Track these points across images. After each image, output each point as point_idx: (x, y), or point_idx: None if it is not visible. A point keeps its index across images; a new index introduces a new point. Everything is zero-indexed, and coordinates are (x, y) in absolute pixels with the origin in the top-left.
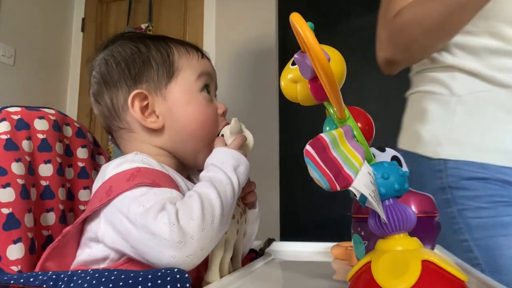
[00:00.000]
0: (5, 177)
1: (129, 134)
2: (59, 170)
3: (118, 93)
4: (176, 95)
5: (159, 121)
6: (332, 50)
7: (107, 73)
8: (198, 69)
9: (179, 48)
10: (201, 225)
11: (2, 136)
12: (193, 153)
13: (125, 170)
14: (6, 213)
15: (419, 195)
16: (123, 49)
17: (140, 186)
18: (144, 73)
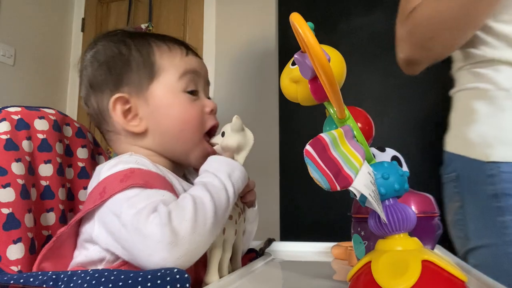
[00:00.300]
0: (5, 177)
1: (117, 136)
2: (59, 170)
3: (103, 97)
4: (158, 97)
5: (142, 124)
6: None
7: (92, 76)
8: (181, 67)
9: (161, 46)
10: (193, 226)
11: (2, 136)
12: (183, 153)
13: (119, 171)
14: (6, 213)
15: (419, 195)
16: (104, 51)
17: (133, 187)
18: (125, 75)
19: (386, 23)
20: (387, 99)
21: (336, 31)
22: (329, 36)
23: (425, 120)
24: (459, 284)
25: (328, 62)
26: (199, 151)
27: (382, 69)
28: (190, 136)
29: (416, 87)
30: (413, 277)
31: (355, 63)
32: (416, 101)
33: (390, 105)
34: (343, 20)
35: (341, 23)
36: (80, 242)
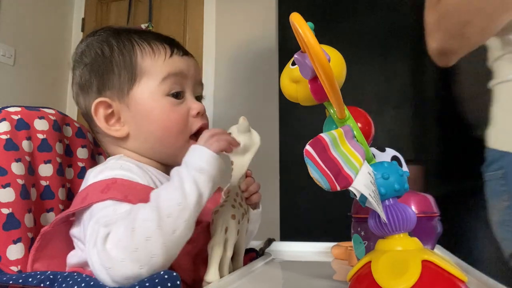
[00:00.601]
0: (5, 177)
1: (105, 138)
2: (59, 170)
3: (88, 99)
4: (139, 102)
5: (124, 129)
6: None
7: (79, 77)
8: (164, 71)
9: (144, 48)
10: (129, 247)
11: (2, 136)
12: (170, 156)
13: (102, 180)
14: (6, 213)
15: (419, 195)
16: (89, 52)
17: (110, 199)
18: (107, 79)
19: (386, 23)
20: (387, 99)
21: (336, 31)
22: (329, 36)
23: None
24: (459, 284)
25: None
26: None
27: (382, 69)
28: (174, 140)
29: (416, 87)
30: (413, 277)
31: (355, 63)
32: (416, 101)
33: (390, 105)
34: (343, 20)
35: (341, 23)
36: (74, 242)
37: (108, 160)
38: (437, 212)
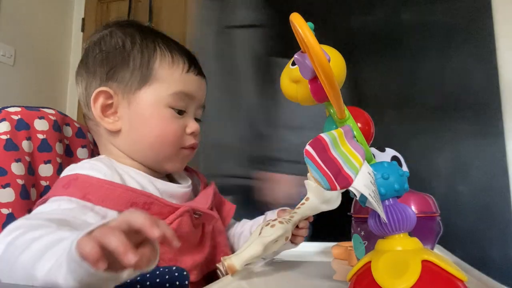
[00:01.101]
0: (5, 177)
1: (97, 128)
2: (59, 170)
3: (92, 83)
4: (141, 105)
5: (117, 124)
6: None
7: (91, 59)
8: (177, 86)
9: (165, 55)
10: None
11: (2, 136)
12: (157, 162)
13: (67, 175)
14: (6, 213)
15: (419, 195)
16: (110, 39)
17: (70, 197)
18: (119, 72)
19: (386, 23)
20: (387, 99)
21: (336, 31)
22: (329, 36)
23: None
24: (459, 284)
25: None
26: (177, 161)
27: (382, 69)
28: (164, 149)
29: (416, 87)
30: (413, 277)
31: (355, 63)
32: (416, 101)
33: (390, 105)
34: (343, 20)
35: (341, 23)
36: None
37: (83, 161)
38: (437, 212)
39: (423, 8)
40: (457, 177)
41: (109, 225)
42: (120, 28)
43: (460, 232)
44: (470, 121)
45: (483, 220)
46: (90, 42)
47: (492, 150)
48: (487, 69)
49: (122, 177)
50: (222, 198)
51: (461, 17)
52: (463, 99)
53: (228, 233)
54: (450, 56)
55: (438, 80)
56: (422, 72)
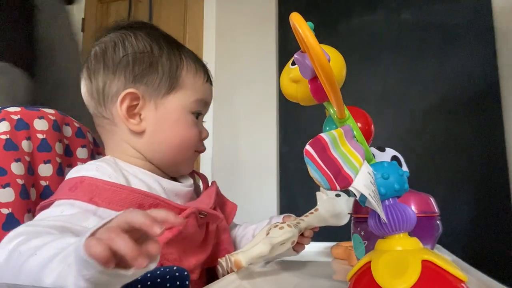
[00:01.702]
0: (5, 177)
1: (112, 127)
2: (58, 170)
3: (114, 82)
4: (169, 109)
5: (141, 125)
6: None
7: (111, 57)
8: (200, 94)
9: (190, 64)
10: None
11: (2, 136)
12: (172, 164)
13: (73, 177)
14: (6, 213)
15: (419, 195)
16: (136, 42)
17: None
18: (147, 75)
19: (386, 23)
20: (387, 99)
21: (336, 31)
22: (329, 36)
23: (425, 119)
24: (459, 284)
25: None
26: (188, 165)
27: (382, 69)
28: (183, 153)
29: (416, 87)
30: (413, 277)
31: (355, 63)
32: (416, 101)
33: (390, 105)
34: (343, 20)
35: (341, 23)
36: None
37: (89, 162)
38: (437, 212)
39: (423, 8)
40: (457, 177)
41: (111, 225)
42: (141, 30)
43: (460, 232)
44: (470, 121)
45: (483, 220)
46: (107, 40)
47: (492, 150)
48: (487, 69)
49: (127, 178)
50: (224, 197)
51: (461, 17)
52: (463, 99)
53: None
54: (450, 56)
55: (438, 80)
56: (422, 72)
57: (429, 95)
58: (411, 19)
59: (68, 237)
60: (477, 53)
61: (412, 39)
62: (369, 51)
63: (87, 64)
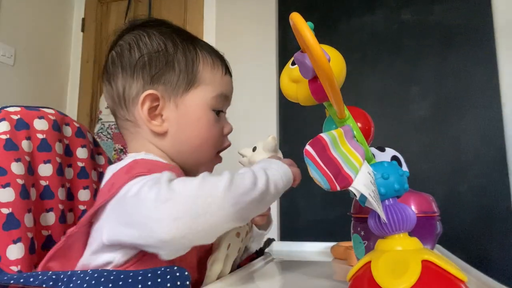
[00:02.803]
0: (5, 177)
1: (136, 129)
2: (58, 170)
3: (133, 84)
4: (189, 107)
5: (164, 126)
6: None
7: (128, 60)
8: (219, 88)
9: (206, 58)
10: (196, 190)
11: (2, 136)
12: (193, 164)
13: (124, 165)
14: (6, 213)
15: (419, 195)
16: (150, 41)
17: (138, 176)
18: (165, 74)
19: (386, 23)
20: (387, 99)
21: (336, 31)
22: (329, 36)
23: (425, 120)
24: (459, 284)
25: (328, 62)
26: (210, 166)
27: (382, 69)
28: (205, 152)
29: (416, 87)
30: (413, 277)
31: (355, 63)
32: (416, 101)
33: (390, 105)
34: (343, 20)
35: (341, 23)
36: (90, 241)
37: (129, 156)
38: (437, 212)
39: (423, 8)
40: (457, 177)
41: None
42: (154, 28)
43: (460, 232)
44: (470, 121)
45: (483, 220)
46: (123, 43)
47: (492, 150)
48: (487, 69)
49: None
50: None
51: (461, 17)
52: (462, 99)
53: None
54: (450, 56)
55: (438, 80)
56: (422, 72)
57: (429, 95)
58: (411, 19)
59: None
60: (477, 53)
61: (412, 39)
62: (369, 51)
63: (106, 69)
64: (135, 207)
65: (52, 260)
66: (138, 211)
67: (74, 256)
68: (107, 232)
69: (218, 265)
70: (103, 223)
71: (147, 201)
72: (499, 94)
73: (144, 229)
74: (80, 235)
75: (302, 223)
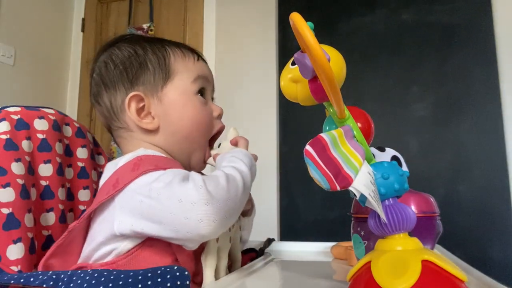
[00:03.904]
0: (5, 177)
1: (129, 133)
2: (58, 170)
3: (116, 95)
4: (172, 98)
5: (155, 122)
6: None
7: (106, 75)
8: (195, 72)
9: (175, 51)
10: (226, 193)
11: (2, 136)
12: (187, 153)
13: (128, 161)
14: (6, 213)
15: (419, 195)
16: (121, 52)
17: (145, 173)
18: (141, 75)
19: (386, 23)
20: (387, 99)
21: (336, 31)
22: (329, 36)
23: (425, 120)
24: (459, 284)
25: (328, 62)
26: (201, 154)
27: (382, 69)
28: (198, 138)
29: (416, 87)
30: (413, 277)
31: (355, 63)
32: (416, 101)
33: (390, 105)
34: (343, 20)
35: (341, 23)
36: (92, 233)
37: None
38: (437, 212)
39: (423, 8)
40: (457, 177)
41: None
42: (125, 40)
43: (460, 232)
44: (470, 121)
45: (483, 220)
46: (99, 64)
47: (492, 150)
48: (487, 69)
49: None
50: None
51: (461, 17)
52: (463, 99)
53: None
54: (450, 56)
55: (438, 80)
56: (422, 72)
57: (429, 95)
58: (411, 19)
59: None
60: (477, 53)
61: (412, 39)
62: (369, 51)
63: (92, 92)
64: (168, 206)
65: (53, 257)
66: (173, 210)
67: (74, 252)
68: (120, 225)
69: (212, 258)
70: (111, 216)
71: (186, 201)
72: (499, 94)
73: (181, 227)
74: (80, 230)
75: (302, 223)
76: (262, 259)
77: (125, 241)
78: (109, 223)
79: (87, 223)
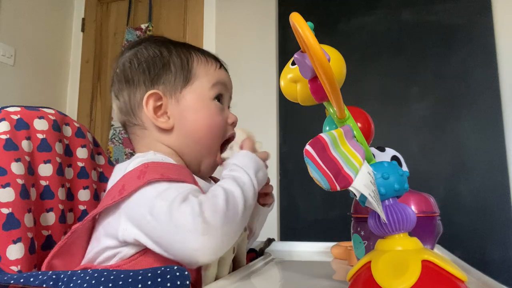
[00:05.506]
0: (5, 177)
1: (142, 131)
2: (58, 170)
3: (136, 91)
4: (189, 101)
5: (170, 122)
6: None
7: (129, 71)
8: (214, 78)
9: (199, 56)
10: (224, 218)
11: (2, 136)
12: (197, 158)
13: (135, 168)
14: (6, 213)
15: (419, 195)
16: (146, 51)
17: (151, 182)
18: (162, 75)
19: (386, 23)
20: (387, 99)
21: (336, 31)
22: (329, 36)
23: (425, 119)
24: (459, 284)
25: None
26: (211, 159)
27: (382, 69)
28: (210, 142)
29: (416, 87)
30: (413, 277)
31: (355, 63)
32: (416, 101)
33: (390, 105)
34: (343, 20)
35: (341, 23)
36: (97, 236)
37: (138, 154)
38: (437, 212)
39: (423, 8)
40: (457, 177)
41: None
42: (152, 41)
43: (460, 232)
44: (470, 120)
45: (483, 220)
46: (123, 60)
47: (492, 150)
48: (487, 69)
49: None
50: None
51: (461, 17)
52: (463, 99)
53: None
54: (450, 56)
55: (438, 80)
56: (422, 72)
57: (429, 95)
58: (411, 19)
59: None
60: (477, 53)
61: (412, 39)
62: (369, 51)
63: (113, 87)
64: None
65: (56, 257)
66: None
67: (77, 253)
68: (124, 232)
69: (213, 267)
70: (116, 222)
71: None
72: (499, 94)
73: (177, 252)
74: (82, 232)
75: (302, 223)
76: (262, 259)
77: (128, 246)
78: (114, 228)
79: (91, 224)
